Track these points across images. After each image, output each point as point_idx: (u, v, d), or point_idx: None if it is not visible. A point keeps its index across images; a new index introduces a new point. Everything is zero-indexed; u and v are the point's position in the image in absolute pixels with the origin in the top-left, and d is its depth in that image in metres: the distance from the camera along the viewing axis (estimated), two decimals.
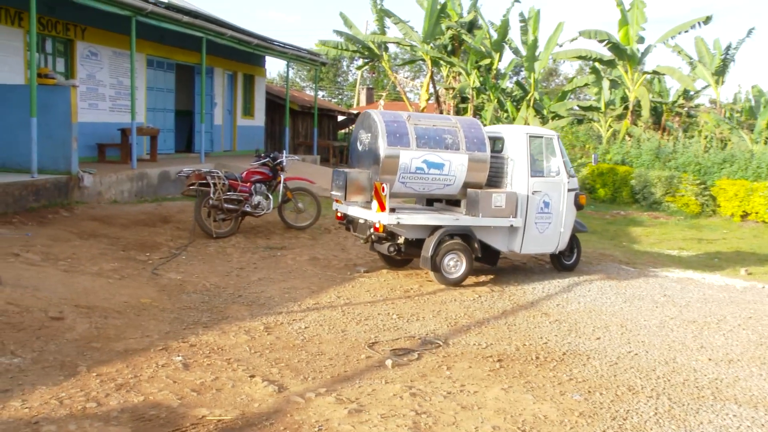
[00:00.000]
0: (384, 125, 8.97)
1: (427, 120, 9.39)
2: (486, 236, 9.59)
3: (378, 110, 9.49)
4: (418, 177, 9.07)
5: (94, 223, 11.39)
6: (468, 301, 8.58)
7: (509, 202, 9.41)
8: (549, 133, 10.06)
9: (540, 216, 9.76)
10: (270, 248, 11.06)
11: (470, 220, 9.34)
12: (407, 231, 9.19)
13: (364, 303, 8.22)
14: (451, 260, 9.20)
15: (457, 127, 9.36)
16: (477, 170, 9.32)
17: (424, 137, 9.07)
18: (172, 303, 7.64)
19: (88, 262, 8.96)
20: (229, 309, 7.56)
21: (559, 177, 9.89)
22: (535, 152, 9.85)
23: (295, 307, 7.83)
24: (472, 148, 9.26)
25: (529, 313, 8.27)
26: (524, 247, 9.77)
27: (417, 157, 8.98)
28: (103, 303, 7.21)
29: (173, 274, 8.93)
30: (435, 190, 9.33)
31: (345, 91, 70.54)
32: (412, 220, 9.08)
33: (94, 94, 16.52)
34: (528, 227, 9.70)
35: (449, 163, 9.14)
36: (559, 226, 9.96)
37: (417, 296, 8.70)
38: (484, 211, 9.28)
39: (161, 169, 15.84)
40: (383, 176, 8.95)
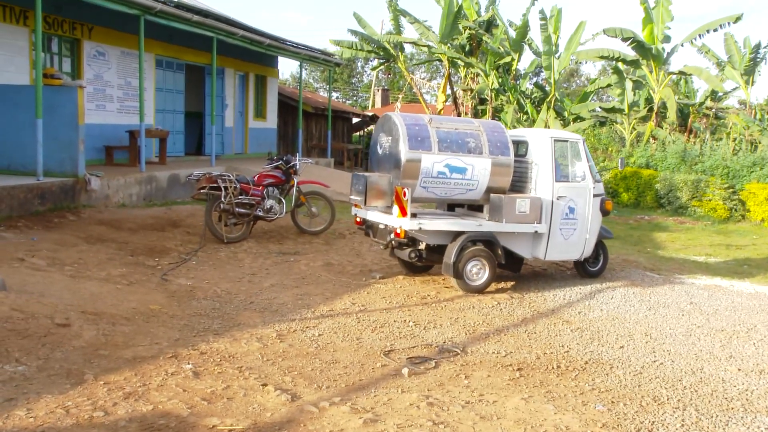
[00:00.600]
0: (405, 128, 9.00)
1: (449, 123, 9.40)
2: (509, 242, 9.59)
3: (399, 113, 9.51)
4: (440, 182, 9.10)
5: (102, 227, 11.46)
6: (486, 308, 8.56)
7: (534, 207, 9.41)
8: (574, 137, 10.04)
9: (565, 222, 9.76)
10: (283, 254, 11.08)
11: (494, 226, 9.35)
12: (429, 237, 9.20)
13: (380, 310, 8.21)
14: (474, 267, 9.21)
15: (479, 131, 9.38)
16: (500, 175, 9.34)
17: (446, 141, 9.10)
18: (182, 309, 7.67)
19: (95, 268, 9.01)
20: (240, 316, 7.58)
21: (584, 182, 9.87)
22: (559, 156, 9.84)
23: (309, 313, 7.84)
24: (495, 152, 9.28)
25: (550, 320, 8.24)
26: (549, 253, 9.77)
27: (439, 161, 9.00)
28: (110, 309, 7.25)
29: (183, 280, 8.96)
30: (457, 195, 9.34)
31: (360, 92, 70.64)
32: (434, 226, 9.09)
33: (101, 95, 16.65)
34: (552, 233, 9.69)
35: (472, 168, 9.16)
36: (584, 232, 9.95)
37: (434, 303, 8.69)
38: (507, 217, 9.30)
39: (170, 172, 15.93)
40: (404, 181, 8.98)
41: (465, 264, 9.14)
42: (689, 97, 32.37)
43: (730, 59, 25.48)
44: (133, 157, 16.27)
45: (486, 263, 9.24)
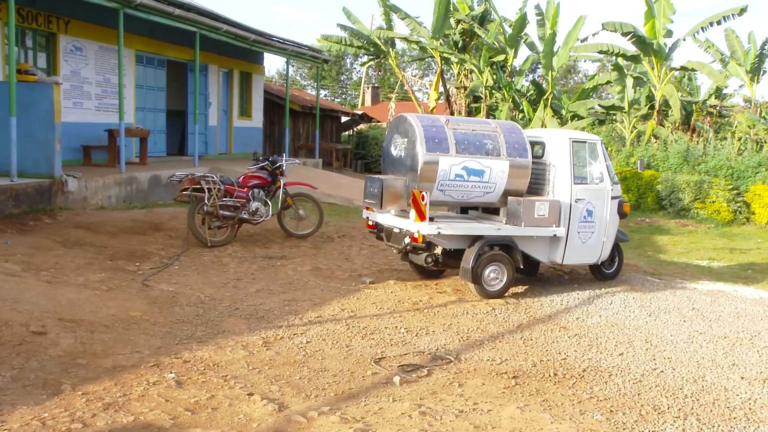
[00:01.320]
0: (422, 130, 9.07)
1: (466, 124, 9.49)
2: (527, 246, 9.70)
3: (415, 114, 9.58)
4: (457, 184, 9.19)
5: (79, 230, 11.45)
6: (481, 314, 8.60)
7: (552, 210, 9.54)
8: (592, 137, 10.17)
9: (583, 225, 9.91)
10: (269, 258, 11.10)
11: (512, 230, 9.45)
12: (447, 241, 9.29)
13: (370, 316, 8.24)
14: (492, 272, 9.32)
15: (497, 132, 9.49)
16: (518, 177, 9.44)
17: (463, 143, 9.19)
18: (164, 316, 7.67)
19: (72, 273, 9.01)
20: (225, 322, 7.59)
21: (602, 184, 10.02)
22: (577, 158, 9.96)
23: (296, 320, 7.86)
24: (513, 154, 9.38)
25: (547, 326, 8.28)
26: (566, 257, 9.92)
27: (456, 163, 9.09)
28: (89, 316, 7.25)
29: (165, 286, 8.96)
30: (474, 198, 9.44)
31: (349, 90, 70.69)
32: (453, 230, 9.17)
33: (78, 92, 16.63)
34: (571, 237, 9.82)
35: (489, 170, 9.27)
36: (602, 235, 10.11)
37: (426, 309, 8.72)
38: (526, 221, 9.40)
39: (152, 173, 15.92)
40: (421, 184, 9.05)
41: (483, 269, 9.27)
42: (692, 94, 32.51)
43: (733, 55, 25.60)
44: (113, 158, 16.25)
45: (504, 268, 9.38)
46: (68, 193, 12.99)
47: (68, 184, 12.90)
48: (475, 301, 9.19)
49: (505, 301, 9.32)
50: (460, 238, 9.35)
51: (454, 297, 9.36)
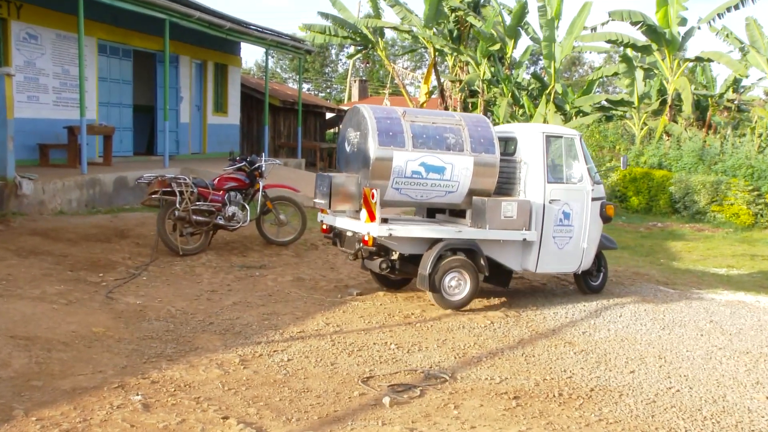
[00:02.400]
0: (375, 122, 9.02)
1: (425, 117, 9.45)
2: (495, 252, 9.61)
3: (369, 105, 9.54)
4: (414, 182, 9.12)
5: (35, 238, 11.38)
6: (478, 329, 8.58)
7: (521, 212, 9.46)
8: (570, 132, 10.14)
9: (559, 229, 9.81)
10: (247, 267, 11.05)
11: (475, 233, 9.37)
12: (401, 245, 9.21)
13: (358, 331, 8.21)
14: (452, 279, 9.23)
15: (461, 125, 9.41)
16: (484, 175, 9.38)
17: (421, 136, 9.13)
18: (130, 332, 7.61)
19: (27, 285, 8.95)
20: (198, 339, 7.55)
21: (581, 184, 9.95)
22: (553, 155, 9.93)
23: (277, 336, 7.82)
24: (478, 150, 9.32)
25: (551, 342, 8.27)
26: (540, 265, 9.83)
27: (413, 159, 9.03)
28: (46, 333, 7.19)
29: (131, 298, 8.91)
30: (435, 198, 9.38)
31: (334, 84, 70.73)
32: (407, 232, 9.11)
33: (34, 85, 16.53)
34: (545, 242, 9.73)
35: (451, 167, 9.19)
36: (581, 240, 10.01)
37: (419, 323, 8.70)
38: (491, 223, 9.32)
39: (117, 175, 15.85)
40: (374, 181, 8.99)
41: (442, 276, 9.16)
42: (708, 87, 32.65)
43: (753, 44, 25.64)
44: (73, 157, 16.16)
45: (467, 275, 9.28)
46: (23, 196, 12.90)
47: (23, 186, 12.81)
48: (472, 314, 9.17)
49: (505, 314, 9.30)
50: (416, 242, 9.27)
51: (449, 310, 9.32)
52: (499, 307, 9.66)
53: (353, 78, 51.77)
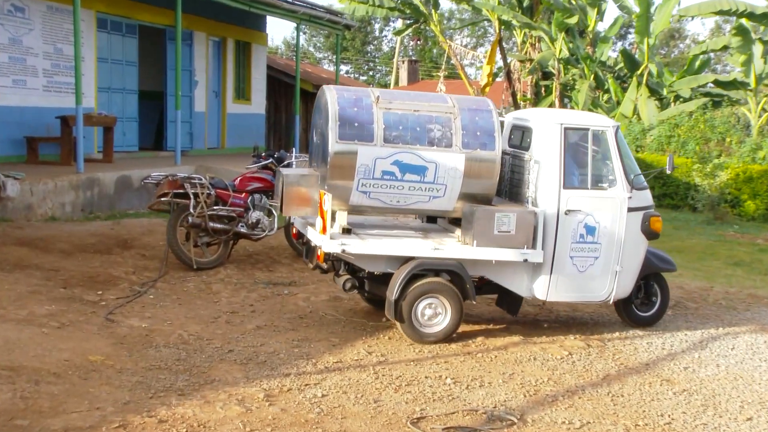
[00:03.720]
0: (337, 108, 8.86)
1: (406, 103, 9.19)
2: (494, 273, 9.34)
3: (337, 87, 9.43)
4: (387, 185, 8.92)
5: (22, 248, 11.53)
6: (554, 361, 8.53)
7: (522, 225, 9.02)
8: (600, 122, 9.72)
9: (579, 247, 9.37)
10: (273, 284, 11.08)
11: (457, 250, 9.06)
12: (366, 262, 9.05)
13: (406, 361, 8.20)
14: (428, 307, 8.95)
15: (452, 114, 9.14)
16: (480, 176, 9.11)
17: (396, 128, 8.92)
18: (134, 361, 7.67)
19: (12, 305, 9.04)
20: (215, 369, 7.58)
21: (613, 190, 9.43)
22: (574, 152, 9.52)
23: (309, 366, 7.83)
24: (472, 144, 9.05)
25: (644, 378, 8.17)
26: (553, 292, 9.40)
27: (384, 156, 8.83)
28: (33, 362, 7.25)
29: (136, 321, 8.98)
30: (416, 203, 9.15)
31: (378, 65, 70.91)
32: (366, 248, 8.89)
33: (20, 67, 16.76)
34: (559, 263, 9.32)
35: (435, 166, 8.95)
36: (612, 262, 9.51)
37: (480, 352, 8.66)
38: (480, 238, 8.94)
39: (119, 174, 16.01)
40: (333, 182, 8.85)
41: (414, 302, 8.90)
42: None
43: None
44: (67, 153, 16.37)
45: (446, 302, 8.97)
46: (7, 199, 13.05)
47: (7, 187, 12.93)
48: (546, 343, 9.12)
49: (586, 342, 9.22)
50: (383, 260, 9.06)
51: (518, 336, 9.28)
52: (578, 334, 9.59)
53: (401, 58, 51.76)
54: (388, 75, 61.71)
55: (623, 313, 10.27)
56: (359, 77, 66.72)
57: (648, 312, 10.34)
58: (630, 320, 10.26)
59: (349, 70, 66.64)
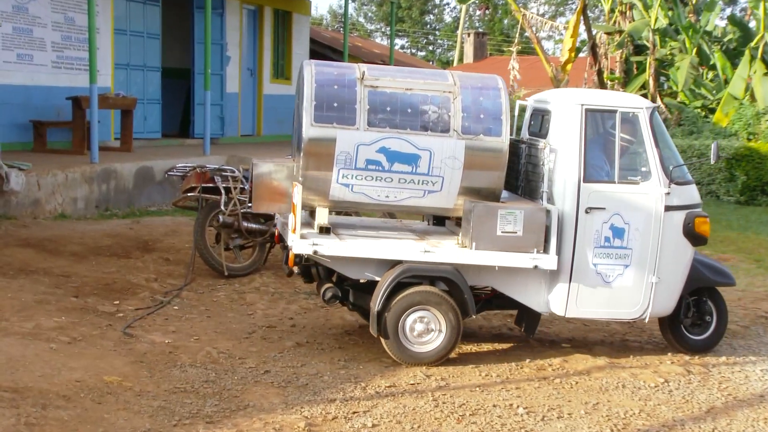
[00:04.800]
0: (314, 86, 8.79)
1: (397, 80, 9.09)
2: (501, 283, 9.18)
3: (319, 62, 9.36)
4: (373, 176, 8.84)
5: (27, 250, 11.66)
6: (646, 389, 8.45)
7: (531, 224, 8.86)
8: (630, 103, 9.48)
9: (604, 252, 9.15)
10: (316, 294, 11.08)
11: (452, 254, 8.94)
12: (345, 267, 8.98)
13: (471, 387, 8.18)
14: (417, 322, 8.82)
15: (451, 93, 9.00)
16: (484, 167, 8.97)
17: (383, 109, 8.82)
18: (156, 383, 7.72)
19: (15, 316, 9.13)
20: (248, 393, 7.62)
21: (647, 184, 9.20)
22: (597, 138, 9.42)
23: (358, 391, 7.85)
24: (474, 129, 8.90)
25: (757, 413, 8.06)
26: (572, 306, 9.19)
27: (368, 142, 8.74)
28: (40, 383, 7.30)
29: (158, 336, 9.05)
30: (409, 199, 9.05)
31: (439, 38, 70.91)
32: (343, 249, 8.82)
33: (26, 39, 16.88)
34: (579, 272, 9.12)
35: (429, 155, 8.82)
36: (645, 271, 9.26)
37: (558, 377, 8.63)
38: (480, 240, 8.80)
39: (140, 165, 16.13)
40: (308, 173, 8.81)
41: (401, 315, 8.78)
42: None
43: None
44: (79, 140, 16.54)
45: (440, 317, 8.83)
46: (10, 193, 13.16)
47: (10, 179, 13.02)
48: (637, 368, 9.03)
49: (686, 368, 9.12)
50: (363, 264, 8.95)
51: (603, 359, 9.23)
52: (675, 358, 9.50)
53: (466, 31, 51.73)
54: (450, 50, 61.76)
55: (670, 335, 9.92)
56: (417, 53, 66.73)
57: (701, 335, 9.92)
58: (679, 345, 9.89)
59: (404, 45, 66.77)
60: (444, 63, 57.86)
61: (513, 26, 54.13)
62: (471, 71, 35.15)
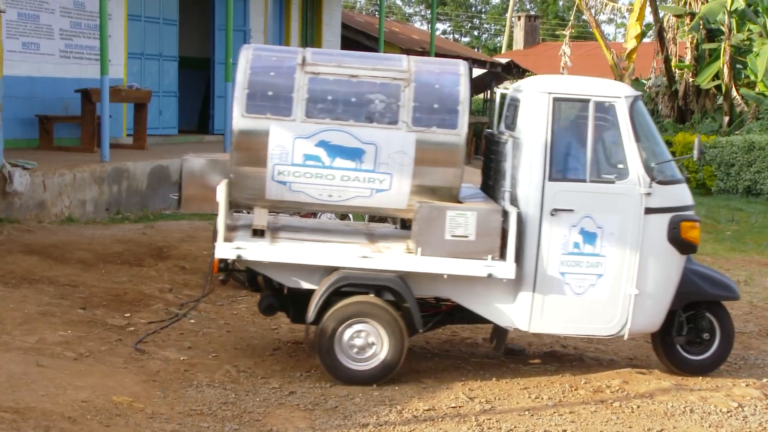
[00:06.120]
0: (248, 72, 8.82)
1: (343, 65, 9.05)
2: (460, 294, 9.08)
3: (262, 46, 9.31)
4: (312, 173, 8.80)
5: (31, 257, 11.75)
6: (717, 414, 8.38)
7: (485, 228, 8.74)
8: (607, 92, 9.29)
9: (573, 260, 9.01)
10: None
11: (394, 261, 8.90)
12: (278, 273, 8.97)
13: (519, 410, 8.16)
14: (356, 336, 8.77)
15: (404, 79, 8.92)
16: (437, 164, 8.89)
17: (324, 98, 8.79)
18: (170, 404, 7.76)
19: (17, 329, 9.19)
20: (272, 416, 7.64)
21: (624, 183, 9.05)
22: (567, 131, 9.33)
23: (393, 415, 7.85)
24: (425, 120, 8.82)
25: None
26: (537, 319, 9.03)
27: (306, 135, 8.72)
28: (43, 403, 7.33)
29: (172, 352, 9.11)
30: (355, 199, 9.00)
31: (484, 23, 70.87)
32: (271, 254, 8.80)
33: (32, 26, 16.99)
34: (543, 282, 8.98)
35: (375, 150, 8.77)
36: (622, 281, 9.10)
37: (617, 400, 8.59)
38: (426, 244, 8.74)
39: (154, 164, 16.22)
40: (240, 168, 8.82)
41: (337, 328, 8.71)
42: None
43: None
44: (89, 136, 16.63)
45: (381, 331, 8.76)
46: (14, 194, 13.27)
47: (13, 180, 13.14)
48: (707, 390, 8.97)
49: (764, 392, 9.05)
50: (297, 270, 8.91)
51: (668, 381, 9.18)
52: (750, 379, 9.45)
53: (516, 14, 51.69)
54: (497, 36, 61.70)
55: (663, 355, 9.68)
56: (460, 39, 66.66)
57: (701, 355, 9.65)
58: (673, 366, 9.65)
59: (447, 30, 66.72)
60: (491, 50, 57.81)
61: (569, 8, 54.11)
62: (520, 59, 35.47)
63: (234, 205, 9.27)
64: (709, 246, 16.94)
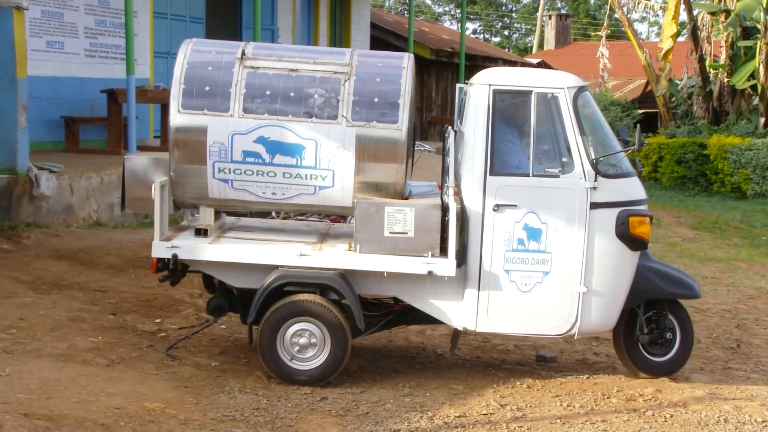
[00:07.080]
0: (185, 67, 8.89)
1: (283, 59, 9.07)
2: (405, 292, 9.09)
3: (199, 39, 9.30)
4: (253, 170, 8.84)
5: (60, 263, 11.83)
6: (753, 425, 8.35)
7: (424, 224, 8.69)
8: (550, 83, 9.21)
9: (518, 257, 8.97)
10: None
11: (332, 258, 8.92)
12: (221, 273, 9.06)
13: (551, 418, 8.20)
14: (298, 335, 8.79)
15: (344, 73, 8.94)
16: (378, 159, 8.88)
17: (262, 92, 8.81)
18: (202, 410, 7.84)
19: (48, 336, 9.26)
20: (304, 422, 7.71)
21: (568, 177, 8.98)
22: (508, 124, 9.25)
23: (424, 421, 7.91)
24: (366, 115, 8.81)
25: None
26: (483, 319, 9.01)
27: (244, 131, 8.74)
28: (76, 410, 7.39)
29: (203, 358, 9.22)
30: (299, 196, 9.02)
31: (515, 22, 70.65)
32: (208, 253, 8.85)
33: (56, 25, 17.04)
34: (488, 279, 8.96)
35: (315, 145, 8.78)
36: (569, 279, 9.06)
37: (650, 409, 8.59)
38: (364, 241, 8.75)
39: None
40: (179, 166, 8.87)
41: (278, 328, 8.74)
42: None
43: None
44: (116, 138, 16.67)
45: (322, 330, 8.77)
46: (41, 198, 13.30)
47: (40, 183, 13.14)
48: (742, 399, 8.95)
49: None
50: (238, 270, 8.97)
51: (702, 390, 9.16)
52: None
53: (547, 13, 51.52)
54: (528, 35, 61.55)
55: (625, 356, 9.63)
56: (490, 38, 66.48)
57: (663, 356, 9.59)
58: (636, 366, 9.58)
59: (477, 29, 66.51)
60: (521, 50, 57.65)
61: (600, 6, 53.98)
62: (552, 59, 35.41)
63: (180, 205, 9.33)
64: (744, 251, 16.92)
